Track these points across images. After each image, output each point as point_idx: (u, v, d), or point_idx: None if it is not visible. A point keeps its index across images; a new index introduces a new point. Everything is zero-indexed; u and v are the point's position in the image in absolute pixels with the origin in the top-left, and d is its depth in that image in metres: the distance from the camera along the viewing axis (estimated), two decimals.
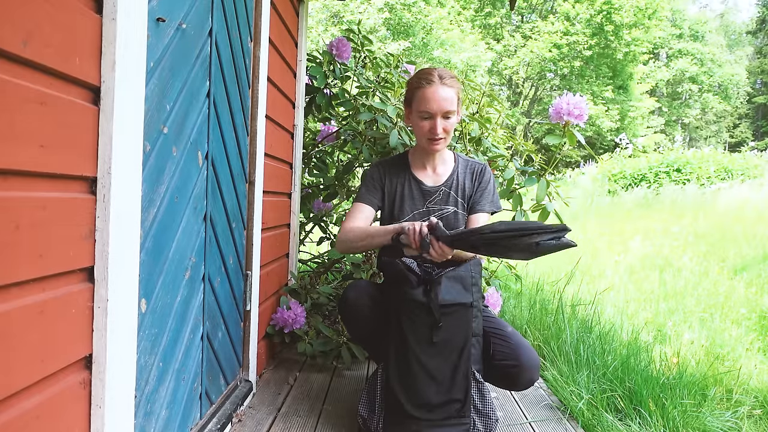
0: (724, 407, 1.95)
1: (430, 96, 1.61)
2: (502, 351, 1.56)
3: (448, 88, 1.61)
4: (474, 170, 1.75)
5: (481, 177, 1.74)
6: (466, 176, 1.74)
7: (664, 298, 3.95)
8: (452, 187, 1.73)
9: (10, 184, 0.70)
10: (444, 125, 1.63)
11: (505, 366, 1.55)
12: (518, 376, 1.55)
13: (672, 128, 27.55)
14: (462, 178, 1.74)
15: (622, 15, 20.55)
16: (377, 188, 1.76)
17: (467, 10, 21.98)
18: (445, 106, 1.60)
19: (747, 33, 33.74)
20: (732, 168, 10.58)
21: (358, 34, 2.62)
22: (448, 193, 1.72)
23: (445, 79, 1.62)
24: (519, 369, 1.54)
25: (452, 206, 1.71)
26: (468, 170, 1.75)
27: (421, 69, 1.71)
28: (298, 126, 2.44)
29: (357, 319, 1.66)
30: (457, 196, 1.72)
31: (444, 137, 1.64)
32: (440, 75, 1.63)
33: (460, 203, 1.72)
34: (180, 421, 1.30)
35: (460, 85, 1.69)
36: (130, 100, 0.93)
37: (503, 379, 1.60)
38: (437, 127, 1.61)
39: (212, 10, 1.37)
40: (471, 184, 1.74)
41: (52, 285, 0.80)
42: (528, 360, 1.55)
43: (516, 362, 1.54)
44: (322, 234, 2.89)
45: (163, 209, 1.15)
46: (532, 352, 1.58)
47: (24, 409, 0.74)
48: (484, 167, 1.76)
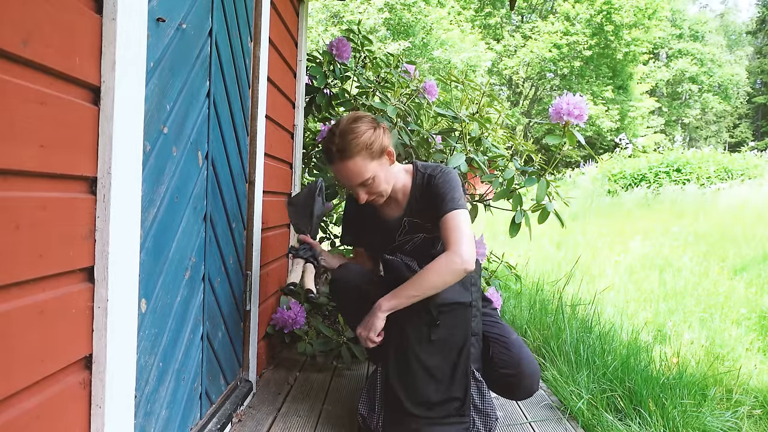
0: (724, 407, 1.95)
1: (337, 174, 1.52)
2: (503, 359, 1.55)
3: (350, 161, 1.46)
4: (425, 184, 1.58)
5: (429, 187, 1.57)
6: (421, 197, 1.59)
7: (664, 298, 3.95)
8: (412, 213, 1.61)
9: (10, 184, 0.70)
10: (366, 191, 1.52)
11: (505, 375, 1.54)
12: (518, 387, 1.55)
13: (672, 128, 27.55)
14: (417, 199, 1.60)
15: (622, 15, 20.55)
16: (353, 223, 1.75)
17: (467, 10, 21.97)
18: (355, 181, 1.49)
19: (747, 33, 33.73)
20: (732, 168, 10.58)
21: (358, 34, 2.62)
22: (411, 221, 1.63)
23: (345, 151, 1.45)
24: (518, 379, 1.53)
25: (420, 232, 1.62)
26: (424, 188, 1.59)
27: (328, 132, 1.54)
28: (298, 126, 2.44)
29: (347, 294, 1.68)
30: (419, 221, 1.62)
31: (374, 198, 1.55)
32: (339, 148, 1.46)
33: (427, 227, 1.61)
34: (180, 421, 1.30)
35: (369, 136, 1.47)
36: (130, 100, 0.93)
37: (502, 388, 1.59)
38: (360, 196, 1.53)
39: (212, 10, 1.37)
40: (426, 201, 1.58)
41: (52, 285, 0.80)
42: (529, 370, 1.53)
43: (515, 371, 1.53)
44: (322, 234, 2.89)
45: (163, 209, 1.15)
46: (533, 363, 1.55)
47: (24, 409, 0.74)
48: (432, 176, 1.57)
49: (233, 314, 1.68)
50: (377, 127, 1.52)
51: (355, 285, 1.65)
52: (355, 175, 1.48)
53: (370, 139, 1.48)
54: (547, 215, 2.12)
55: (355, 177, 1.48)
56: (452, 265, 1.43)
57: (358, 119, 1.50)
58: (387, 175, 1.54)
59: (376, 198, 1.55)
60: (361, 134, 1.46)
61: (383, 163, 1.52)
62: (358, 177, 1.48)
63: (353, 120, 1.50)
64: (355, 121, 1.49)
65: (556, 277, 4.00)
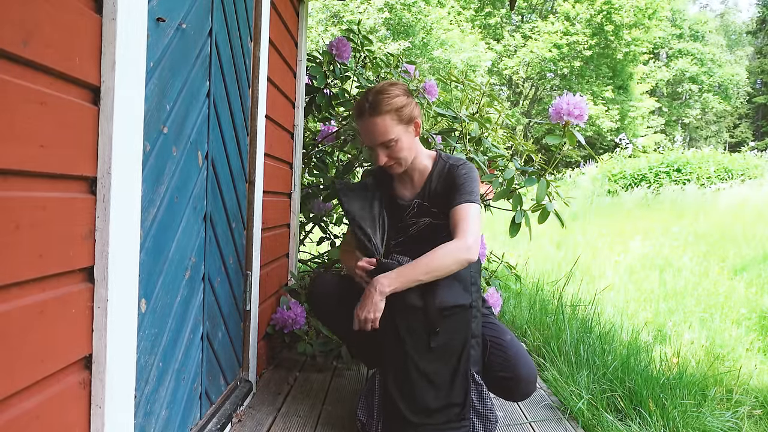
0: (724, 407, 1.95)
1: (362, 130, 1.55)
2: (499, 362, 1.54)
3: (379, 118, 1.50)
4: (448, 173, 1.62)
5: (451, 175, 1.60)
6: (439, 182, 1.62)
7: (664, 298, 3.95)
8: (425, 197, 1.63)
9: (10, 184, 0.70)
10: (387, 153, 1.55)
11: (502, 378, 1.54)
12: (515, 389, 1.54)
13: (672, 128, 27.55)
14: (434, 185, 1.63)
15: (622, 15, 20.55)
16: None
17: (467, 10, 21.99)
18: (379, 139, 1.52)
19: (747, 33, 33.73)
20: (732, 168, 10.58)
21: (358, 34, 2.62)
22: (421, 204, 1.64)
23: (377, 106, 1.50)
24: (515, 382, 1.52)
25: (427, 217, 1.63)
26: (443, 175, 1.63)
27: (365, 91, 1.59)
28: (298, 126, 2.44)
29: (326, 314, 1.70)
30: (430, 206, 1.63)
31: (393, 164, 1.57)
32: (371, 103, 1.51)
33: (434, 212, 1.63)
34: (180, 421, 1.30)
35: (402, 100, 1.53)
36: (130, 100, 0.93)
37: (499, 390, 1.58)
38: (380, 157, 1.55)
39: (212, 10, 1.37)
40: (443, 186, 1.61)
41: (52, 285, 0.80)
42: (525, 373, 1.52)
43: (512, 374, 1.52)
44: (322, 234, 2.89)
45: (163, 209, 1.15)
46: (530, 365, 1.54)
47: (24, 409, 0.74)
48: (456, 165, 1.61)
49: (233, 314, 1.68)
50: (410, 96, 1.58)
51: (334, 294, 1.66)
52: (381, 134, 1.52)
53: (402, 103, 1.53)
54: (547, 215, 2.12)
55: (380, 135, 1.52)
56: (458, 253, 1.44)
57: (394, 84, 1.57)
58: (410, 144, 1.58)
59: (394, 164, 1.58)
60: (393, 96, 1.52)
61: (409, 131, 1.56)
62: (383, 135, 1.52)
63: (390, 83, 1.57)
64: (391, 85, 1.56)
65: (556, 277, 4.00)
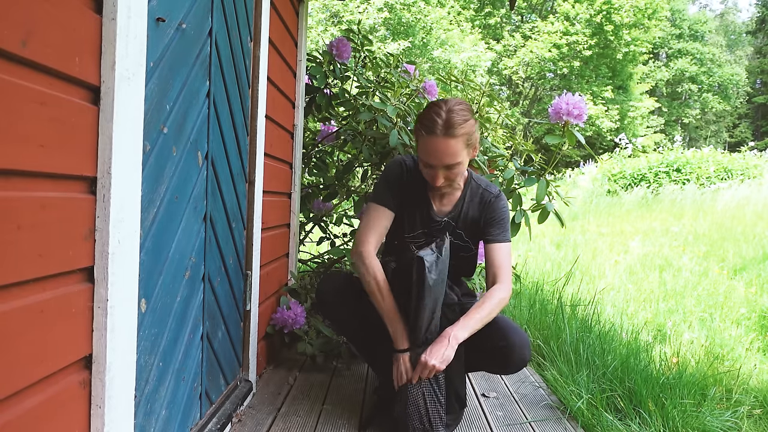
0: (723, 407, 1.95)
1: (431, 148, 1.47)
2: (490, 334, 1.55)
3: (453, 140, 1.44)
4: (483, 200, 1.63)
5: (489, 207, 1.62)
6: (472, 206, 1.63)
7: (663, 298, 3.95)
8: (457, 219, 1.64)
9: (11, 184, 0.70)
10: (446, 174, 1.51)
11: (496, 348, 1.55)
12: (509, 356, 1.55)
13: (672, 128, 27.54)
14: (467, 209, 1.63)
15: (621, 15, 20.54)
16: (396, 188, 1.64)
17: (467, 10, 21.98)
18: (446, 161, 1.47)
19: (747, 33, 33.73)
20: (732, 168, 10.57)
21: (358, 34, 2.62)
22: (450, 224, 1.64)
23: (452, 128, 1.43)
24: (509, 348, 1.54)
25: (451, 237, 1.61)
26: (476, 199, 1.63)
27: (433, 104, 1.50)
28: (298, 126, 2.43)
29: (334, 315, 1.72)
30: (458, 229, 1.63)
31: (447, 184, 1.55)
32: (447, 123, 1.43)
33: (460, 234, 1.63)
34: (180, 421, 1.30)
35: (472, 125, 1.49)
36: (130, 100, 0.93)
37: (495, 363, 1.60)
38: (437, 178, 1.51)
39: (212, 10, 1.37)
40: (478, 215, 1.62)
41: (52, 285, 0.80)
42: (518, 339, 1.54)
43: (505, 342, 1.54)
44: (322, 234, 2.89)
45: (163, 209, 1.15)
46: (521, 332, 1.57)
47: (24, 409, 0.74)
48: (495, 197, 1.63)
49: (233, 314, 1.68)
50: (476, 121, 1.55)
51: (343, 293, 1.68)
52: (450, 155, 1.46)
53: (473, 128, 1.50)
54: (547, 215, 2.12)
55: (449, 157, 1.47)
56: (505, 301, 1.56)
57: (462, 103, 1.52)
58: (464, 169, 1.57)
59: (447, 186, 1.57)
60: (468, 119, 1.48)
61: (468, 156, 1.54)
62: (451, 158, 1.47)
63: (463, 103, 1.51)
64: (465, 106, 1.51)
65: (556, 277, 4.00)
